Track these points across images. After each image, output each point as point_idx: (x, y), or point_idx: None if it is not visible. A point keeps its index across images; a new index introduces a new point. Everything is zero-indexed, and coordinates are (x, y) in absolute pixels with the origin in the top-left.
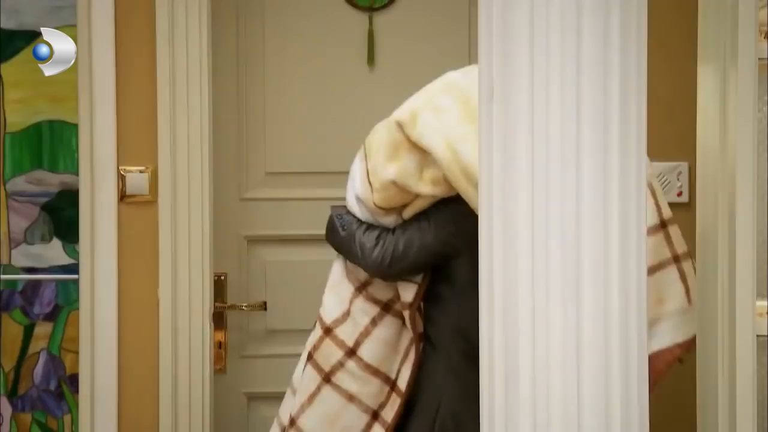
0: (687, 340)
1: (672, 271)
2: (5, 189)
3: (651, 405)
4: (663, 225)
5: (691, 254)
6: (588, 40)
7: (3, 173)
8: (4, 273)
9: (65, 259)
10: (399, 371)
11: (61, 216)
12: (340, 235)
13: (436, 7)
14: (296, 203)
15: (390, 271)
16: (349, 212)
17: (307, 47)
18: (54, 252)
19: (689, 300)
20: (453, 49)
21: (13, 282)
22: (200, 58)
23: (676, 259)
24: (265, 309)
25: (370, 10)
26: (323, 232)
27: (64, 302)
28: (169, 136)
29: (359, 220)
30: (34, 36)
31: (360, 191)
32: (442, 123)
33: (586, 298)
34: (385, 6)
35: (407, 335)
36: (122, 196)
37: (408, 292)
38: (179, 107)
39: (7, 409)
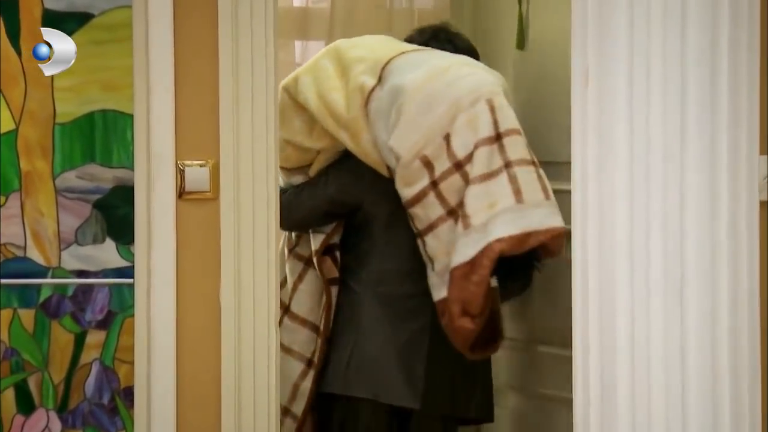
0: (517, 233)
1: (503, 177)
2: (55, 185)
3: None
4: (498, 137)
5: (534, 162)
6: (693, 21)
7: (52, 168)
8: (54, 276)
9: (119, 262)
10: (321, 318)
11: (115, 214)
12: None
13: None
14: None
15: (288, 222)
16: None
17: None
18: (107, 253)
19: (518, 200)
20: None
21: (63, 286)
22: (266, 42)
23: (508, 165)
24: None
25: None
26: None
27: (118, 308)
28: (232, 127)
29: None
30: (85, 18)
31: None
32: (316, 80)
33: (691, 299)
34: None
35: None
36: (181, 193)
37: (316, 241)
38: (243, 95)
39: (56, 425)
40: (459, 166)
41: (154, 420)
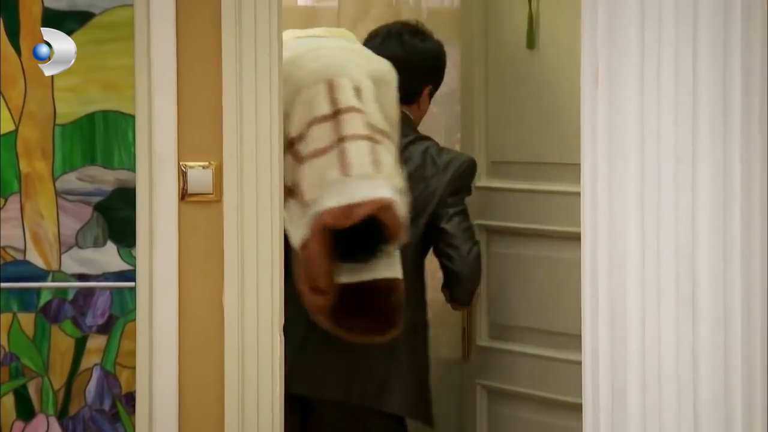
0: (341, 205)
1: (333, 152)
2: (55, 187)
3: None
4: (336, 114)
5: (372, 138)
6: (705, 18)
7: (52, 169)
8: (54, 280)
9: (121, 265)
10: None
11: (117, 217)
12: None
13: None
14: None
15: None
16: None
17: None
18: (108, 257)
19: (343, 173)
20: None
21: (64, 290)
22: (270, 41)
23: (341, 140)
24: None
25: None
26: None
27: (120, 312)
28: (236, 127)
29: None
30: (86, 17)
31: None
32: None
33: (703, 304)
34: None
35: None
36: (183, 195)
37: None
38: (246, 95)
39: (57, 431)
40: (291, 144)
41: (155, 426)
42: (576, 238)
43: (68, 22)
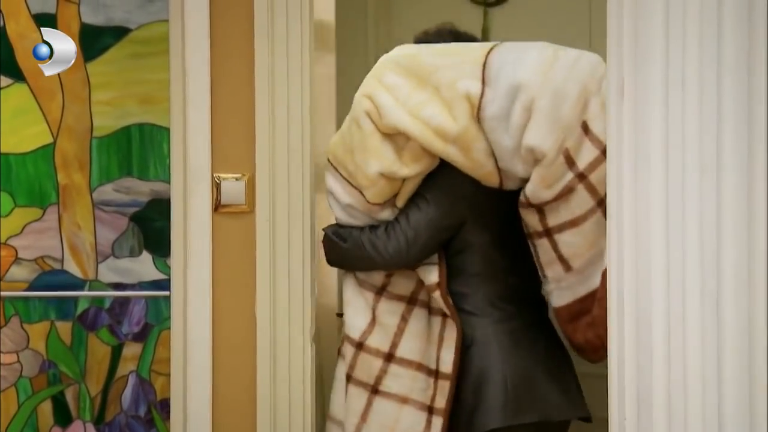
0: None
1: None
2: (92, 198)
3: None
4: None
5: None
6: (730, 30)
7: (90, 181)
8: (91, 289)
9: (156, 274)
10: (438, 357)
11: (152, 227)
12: (343, 248)
13: (553, 3)
14: None
15: (410, 257)
16: (341, 226)
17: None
18: (144, 266)
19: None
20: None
21: (100, 299)
22: (301, 55)
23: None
24: None
25: (485, 5)
26: None
27: (155, 321)
28: (268, 140)
29: (359, 227)
30: (123, 32)
31: (347, 200)
32: (397, 100)
33: (728, 313)
34: (500, 2)
35: (436, 323)
36: (217, 206)
37: (431, 274)
38: (278, 109)
39: None
40: (604, 152)
41: None
42: None
43: (105, 37)
